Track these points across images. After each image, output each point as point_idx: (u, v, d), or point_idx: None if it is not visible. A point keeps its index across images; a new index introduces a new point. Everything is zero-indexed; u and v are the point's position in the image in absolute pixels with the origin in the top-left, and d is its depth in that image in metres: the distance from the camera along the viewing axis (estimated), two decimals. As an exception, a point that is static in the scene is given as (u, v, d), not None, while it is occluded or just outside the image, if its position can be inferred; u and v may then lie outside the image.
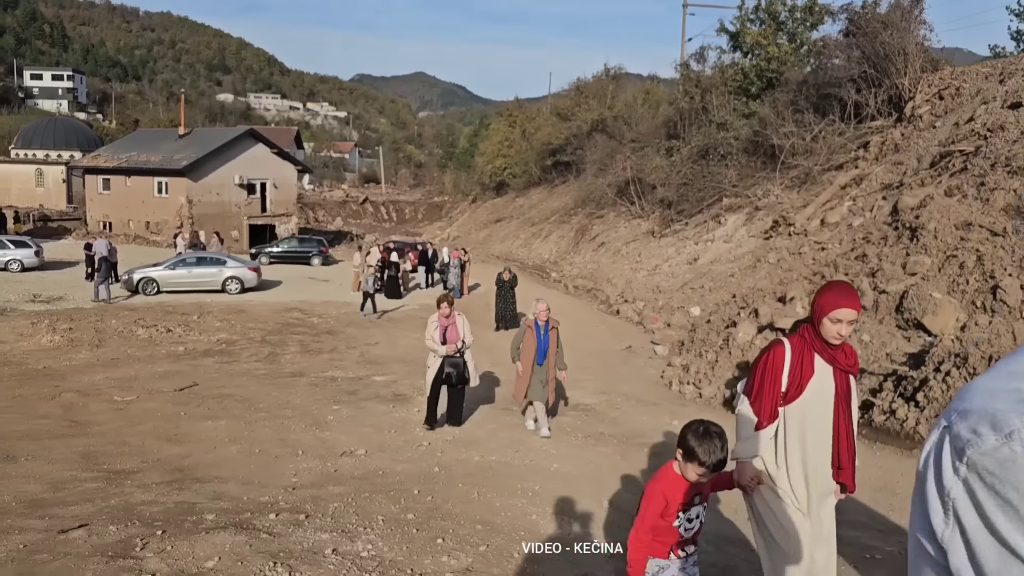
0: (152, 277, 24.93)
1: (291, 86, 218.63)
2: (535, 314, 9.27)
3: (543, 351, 9.12)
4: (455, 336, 9.07)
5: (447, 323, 9.08)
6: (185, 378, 12.54)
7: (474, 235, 56.28)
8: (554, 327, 9.42)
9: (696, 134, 30.66)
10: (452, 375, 9.04)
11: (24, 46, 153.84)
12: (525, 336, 9.24)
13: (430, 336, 9.11)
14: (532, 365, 9.04)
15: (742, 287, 18.97)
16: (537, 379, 9.05)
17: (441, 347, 8.99)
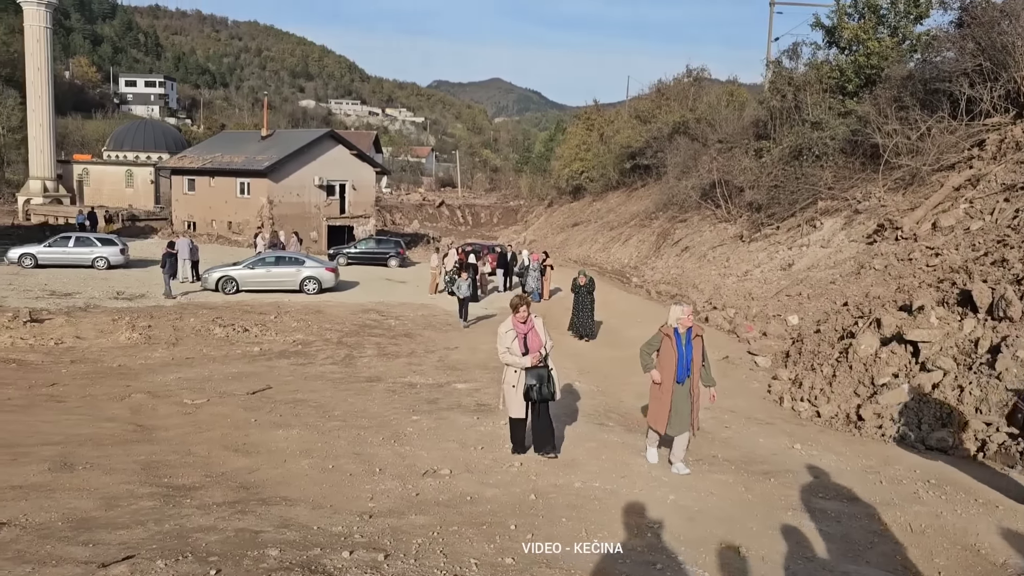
0: (231, 276, 24.81)
1: (370, 92, 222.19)
2: (675, 320, 7.61)
3: (685, 365, 7.45)
4: (537, 343, 7.70)
5: (525, 329, 7.69)
6: (259, 380, 11.94)
7: (550, 239, 55.29)
8: (698, 335, 7.68)
9: (788, 134, 28.97)
10: (534, 389, 7.58)
11: (120, 54, 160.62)
12: (662, 347, 7.63)
13: (506, 347, 7.68)
14: (672, 384, 7.45)
15: (847, 295, 17.45)
16: (678, 402, 7.46)
17: (524, 359, 7.59)
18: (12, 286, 23.98)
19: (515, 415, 7.80)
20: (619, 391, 11.55)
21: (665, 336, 7.63)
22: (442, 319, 20.91)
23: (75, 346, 15.91)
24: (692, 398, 7.49)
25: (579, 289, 18.36)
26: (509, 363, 7.69)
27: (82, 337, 16.82)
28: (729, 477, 7.33)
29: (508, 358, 7.67)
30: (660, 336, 7.72)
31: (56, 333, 17.03)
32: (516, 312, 7.71)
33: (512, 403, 7.76)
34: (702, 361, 7.62)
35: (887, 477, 7.50)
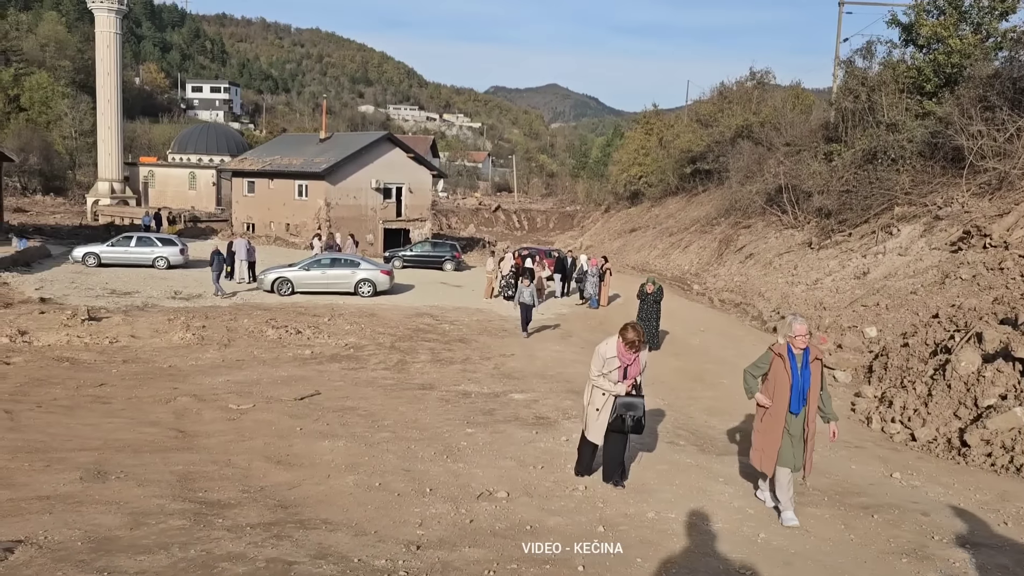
0: (287, 277, 24.65)
1: (428, 98, 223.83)
2: (787, 338, 6.49)
3: (801, 394, 6.28)
4: (635, 373, 6.97)
5: (630, 360, 6.81)
6: (307, 385, 11.46)
7: (607, 245, 54.36)
8: (817, 358, 6.53)
9: (861, 137, 27.62)
10: (627, 420, 6.76)
11: (188, 61, 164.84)
12: (772, 369, 6.52)
13: (601, 372, 6.87)
14: (784, 415, 6.34)
15: (931, 305, 16.28)
16: (791, 436, 6.32)
17: (619, 386, 6.83)
18: (75, 284, 24.22)
19: (593, 439, 7.01)
20: (687, 405, 10.74)
21: (776, 356, 6.49)
22: (498, 324, 20.29)
23: (129, 345, 15.75)
24: (807, 433, 6.32)
25: (646, 297, 17.26)
26: (600, 387, 6.92)
27: (137, 336, 16.68)
28: (824, 511, 6.47)
29: (602, 382, 6.89)
30: (770, 356, 6.60)
31: (112, 332, 16.92)
32: (630, 346, 6.76)
33: (592, 427, 6.98)
34: (820, 389, 6.45)
35: (1011, 515, 6.56)
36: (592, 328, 21.16)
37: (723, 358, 15.72)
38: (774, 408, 6.37)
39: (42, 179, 72.58)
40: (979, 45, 25.21)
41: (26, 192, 69.14)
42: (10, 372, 12.08)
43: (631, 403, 6.81)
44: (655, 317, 17.03)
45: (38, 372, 12.18)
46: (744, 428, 9.71)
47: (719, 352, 16.40)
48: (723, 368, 14.54)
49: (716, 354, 15.99)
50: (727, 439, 9.13)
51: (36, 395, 10.18)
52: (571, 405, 10.13)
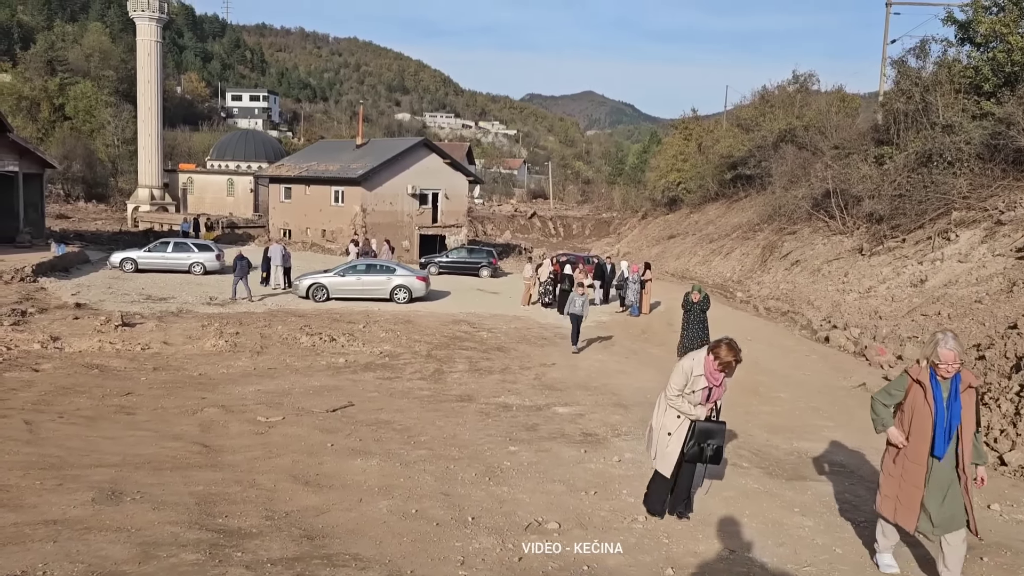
0: (322, 283, 24.28)
1: (464, 106, 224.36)
2: (927, 358, 5.07)
3: (947, 432, 4.90)
4: (719, 396, 6.09)
5: (718, 381, 5.90)
6: (341, 396, 10.92)
7: (645, 251, 53.47)
8: (971, 386, 5.01)
9: (914, 139, 26.51)
10: (705, 449, 5.90)
11: (228, 70, 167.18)
12: (909, 397, 5.11)
13: (681, 391, 5.96)
14: (924, 457, 4.96)
15: (999, 316, 15.28)
16: (937, 484, 4.93)
17: (699, 409, 5.94)
18: (111, 290, 24.10)
19: (664, 470, 6.04)
20: (745, 422, 9.96)
21: (914, 383, 5.09)
22: (536, 332, 19.64)
23: (160, 352, 15.40)
24: (962, 479, 4.89)
25: (692, 307, 16.27)
26: (678, 408, 6.00)
27: (169, 343, 16.33)
28: (922, 551, 5.70)
29: (681, 404, 5.96)
30: (906, 382, 5.17)
31: (145, 338, 16.61)
32: (723, 368, 5.78)
33: (663, 455, 6.04)
34: (975, 427, 5.01)
35: None
36: (634, 337, 20.41)
37: (776, 370, 14.88)
38: (911, 448, 5.02)
39: (85, 186, 73.66)
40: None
41: (69, 199, 70.16)
42: (37, 379, 11.72)
43: (711, 430, 5.92)
44: (702, 328, 16.09)
45: (65, 379, 11.82)
46: (813, 449, 8.90)
47: (771, 363, 15.55)
48: (777, 381, 13.71)
49: (768, 365, 15.14)
50: (795, 461, 8.34)
51: (60, 404, 9.76)
52: (620, 420, 9.44)
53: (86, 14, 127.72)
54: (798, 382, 13.36)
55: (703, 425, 5.92)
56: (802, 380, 13.73)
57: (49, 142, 74.70)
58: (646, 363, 15.55)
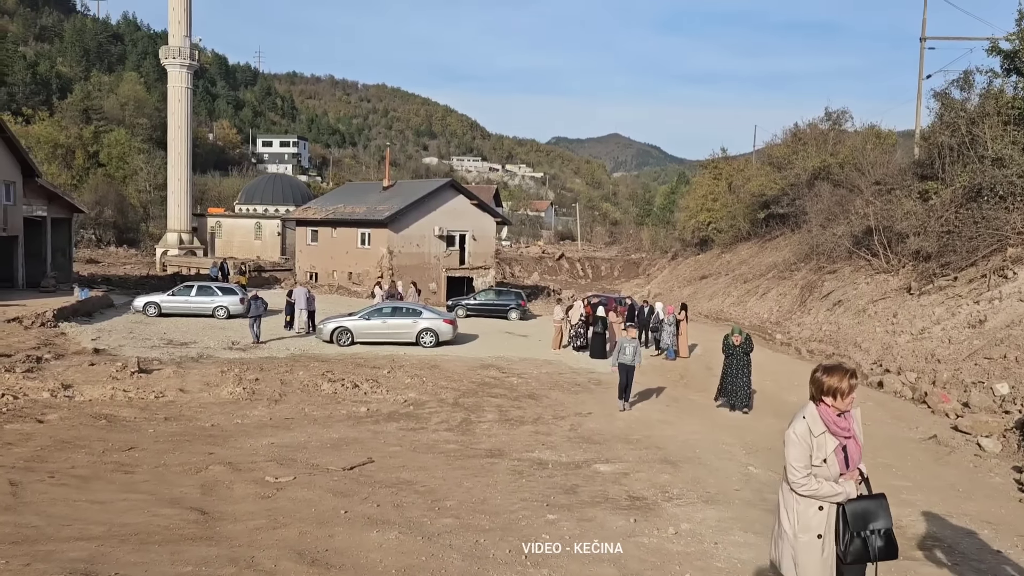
0: (347, 327, 23.52)
1: (491, 149, 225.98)
2: None
3: None
4: (858, 452, 4.38)
5: (846, 427, 4.32)
6: (360, 450, 10.01)
7: (677, 292, 52.31)
8: None
9: (961, 173, 25.37)
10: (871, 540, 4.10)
11: (259, 117, 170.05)
12: None
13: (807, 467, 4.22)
14: None
15: (1072, 359, 14.04)
16: None
17: (847, 485, 4.21)
18: (132, 335, 23.55)
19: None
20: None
21: None
22: (569, 378, 18.63)
23: (175, 400, 14.65)
24: None
25: (733, 350, 15.04)
26: (813, 494, 4.16)
27: (186, 390, 15.61)
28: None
29: (815, 486, 4.14)
30: None
31: (160, 385, 15.90)
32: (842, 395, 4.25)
33: (814, 568, 4.13)
34: None
35: None
36: (673, 382, 19.32)
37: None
38: None
39: (116, 231, 74.42)
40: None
41: (100, 244, 70.83)
42: (38, 432, 10.97)
43: (870, 509, 4.13)
44: (746, 373, 14.91)
45: (68, 432, 11.05)
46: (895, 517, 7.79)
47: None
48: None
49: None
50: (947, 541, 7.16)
51: (55, 461, 8.96)
52: (669, 481, 8.41)
53: (123, 65, 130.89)
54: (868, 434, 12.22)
55: (856, 506, 4.14)
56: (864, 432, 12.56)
57: (83, 188, 75.78)
58: (689, 412, 14.46)
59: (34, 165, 33.04)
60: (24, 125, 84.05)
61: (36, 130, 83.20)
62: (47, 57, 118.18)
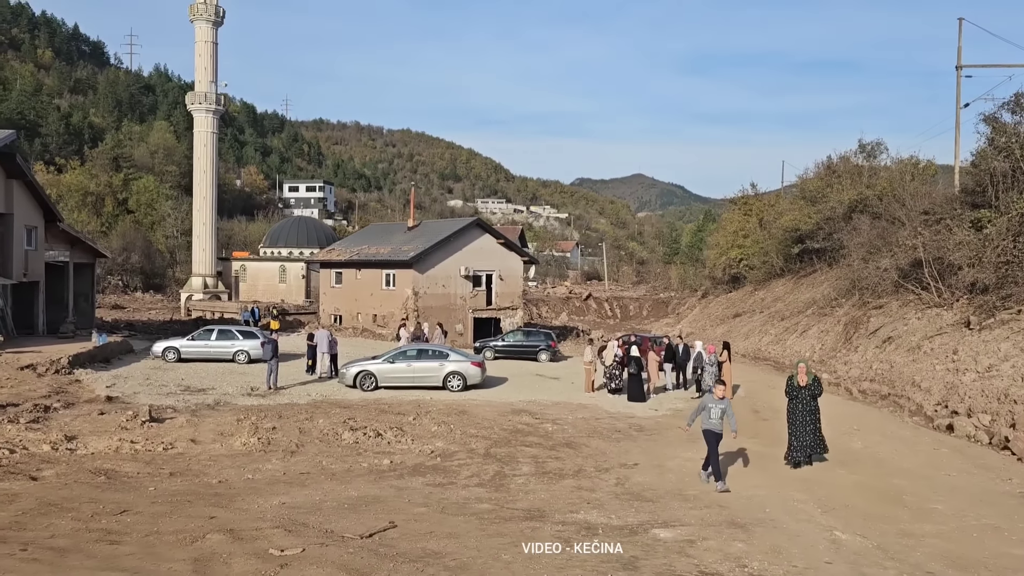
0: (370, 371, 22.43)
1: (515, 191, 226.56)
2: None
3: None
4: None
5: None
6: (381, 511, 8.81)
7: (709, 331, 50.80)
8: None
9: (1019, 199, 23.93)
10: None
11: (286, 163, 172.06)
12: None
13: None
14: None
15: None
16: None
17: None
18: (149, 381, 22.65)
19: None
20: (908, 548, 7.52)
21: None
22: (607, 424, 17.32)
23: (184, 452, 13.59)
24: None
25: (798, 392, 13.04)
26: None
27: (197, 441, 14.57)
28: None
29: None
30: None
31: (171, 435, 14.88)
32: None
33: None
34: None
35: None
36: (720, 427, 17.90)
37: (909, 469, 12.26)
38: None
39: (143, 277, 74.53)
40: None
41: (127, 290, 70.86)
42: (27, 491, 9.91)
43: None
44: (814, 420, 12.97)
45: (60, 491, 9.98)
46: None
47: (897, 460, 12.94)
48: (920, 485, 11.08)
49: (895, 464, 12.56)
50: None
51: (34, 529, 7.86)
52: (744, 551, 7.11)
53: (154, 115, 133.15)
54: (948, 487, 10.75)
55: None
56: (951, 484, 11.08)
57: (111, 235, 76.21)
58: (745, 461, 13.07)
59: (55, 210, 32.68)
60: (56, 174, 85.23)
61: (67, 179, 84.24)
62: (80, 108, 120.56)
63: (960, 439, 15.45)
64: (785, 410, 13.25)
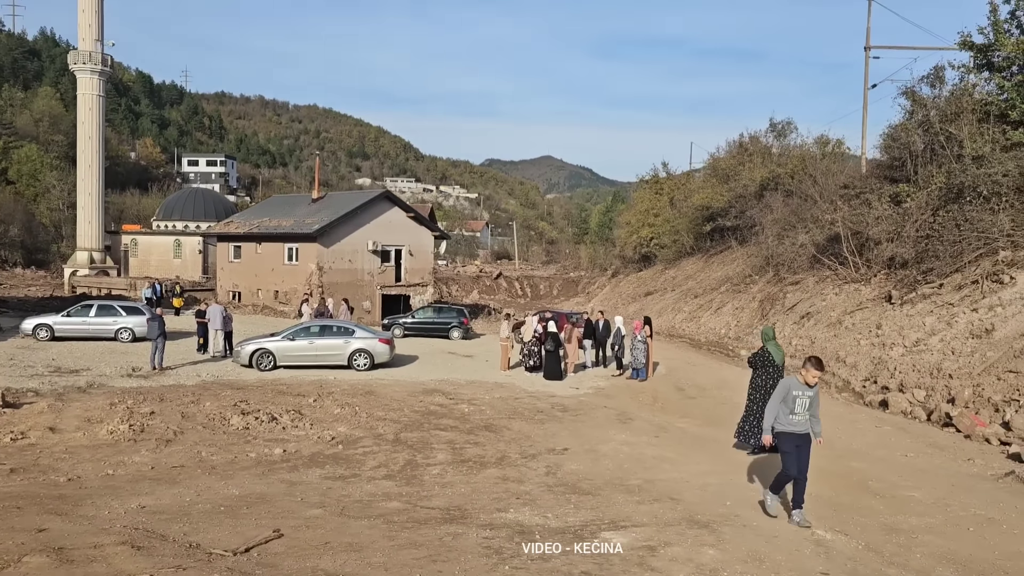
0: (268, 349, 20.42)
1: (425, 170, 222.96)
2: None
3: None
4: None
5: None
6: (266, 515, 7.14)
7: (621, 309, 50.35)
8: None
9: (938, 173, 23.81)
10: None
11: (186, 137, 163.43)
12: None
13: None
14: None
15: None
16: None
17: None
18: (13, 361, 19.99)
19: None
20: (902, 549, 6.38)
21: None
22: (528, 403, 15.97)
23: (36, 443, 11.47)
24: None
25: (772, 370, 10.89)
26: None
27: (57, 429, 12.40)
28: None
29: None
30: None
31: (26, 423, 12.65)
32: None
33: None
34: None
35: None
36: (647, 405, 16.85)
37: (861, 451, 11.32)
38: None
39: (24, 252, 68.89)
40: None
41: (5, 265, 65.27)
42: None
43: None
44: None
45: None
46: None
47: (845, 440, 12.03)
48: (883, 469, 10.08)
49: (844, 444, 11.63)
50: None
51: None
52: (718, 559, 5.80)
53: (39, 82, 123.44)
54: (913, 471, 9.80)
55: None
56: (914, 467, 10.13)
57: (-12, 206, 70.05)
58: (684, 443, 11.91)
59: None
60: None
61: (-64, 145, 77.04)
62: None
63: (896, 416, 14.80)
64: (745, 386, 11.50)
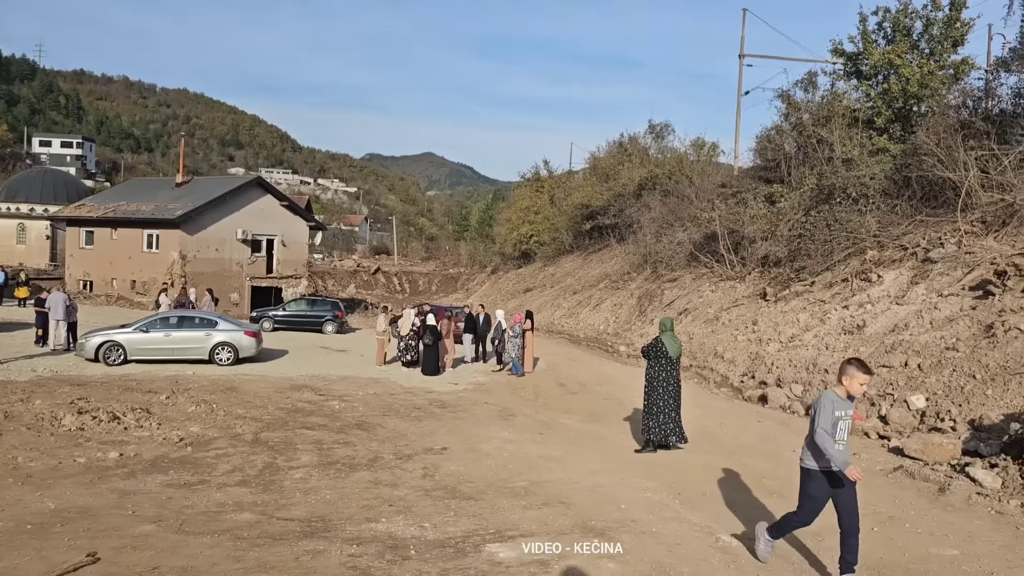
0: (117, 341, 18.48)
1: (302, 162, 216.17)
2: None
3: None
4: None
5: None
6: (83, 532, 5.92)
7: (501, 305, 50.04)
8: None
9: (809, 175, 24.56)
10: None
11: (38, 116, 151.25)
12: None
13: None
14: None
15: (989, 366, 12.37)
16: None
17: None
18: None
19: None
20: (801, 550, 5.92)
21: None
22: (404, 400, 15.02)
23: None
24: None
25: (664, 362, 10.57)
26: None
27: None
28: None
29: None
30: None
31: None
32: None
33: None
34: None
35: None
36: (529, 401, 16.23)
37: (749, 447, 11.05)
38: None
39: None
40: (933, 75, 22.70)
41: None
42: None
43: None
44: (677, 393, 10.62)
45: None
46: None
47: (732, 436, 11.77)
48: (769, 464, 9.78)
49: (732, 440, 11.35)
50: None
51: None
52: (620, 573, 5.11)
53: None
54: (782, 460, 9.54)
55: None
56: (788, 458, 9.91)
57: None
58: (569, 440, 11.31)
59: None
60: None
61: None
62: None
63: (776, 411, 14.82)
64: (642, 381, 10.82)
